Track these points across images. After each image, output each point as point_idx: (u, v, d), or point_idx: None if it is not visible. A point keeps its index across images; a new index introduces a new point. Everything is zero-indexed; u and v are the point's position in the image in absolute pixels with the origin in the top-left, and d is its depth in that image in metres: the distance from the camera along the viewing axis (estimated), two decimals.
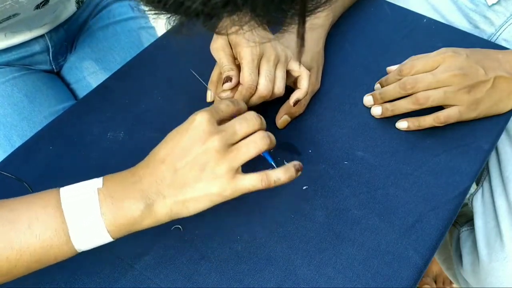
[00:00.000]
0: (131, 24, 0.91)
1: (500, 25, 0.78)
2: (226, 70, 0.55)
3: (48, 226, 0.40)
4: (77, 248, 0.41)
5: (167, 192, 0.42)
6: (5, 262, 0.40)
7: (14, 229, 0.40)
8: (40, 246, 0.40)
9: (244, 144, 0.43)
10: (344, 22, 0.75)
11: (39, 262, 0.41)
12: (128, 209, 0.41)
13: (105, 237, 0.42)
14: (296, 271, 0.50)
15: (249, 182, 0.42)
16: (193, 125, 0.43)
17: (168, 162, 0.43)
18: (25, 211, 0.41)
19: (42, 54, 0.84)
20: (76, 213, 0.41)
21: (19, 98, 0.79)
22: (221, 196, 0.43)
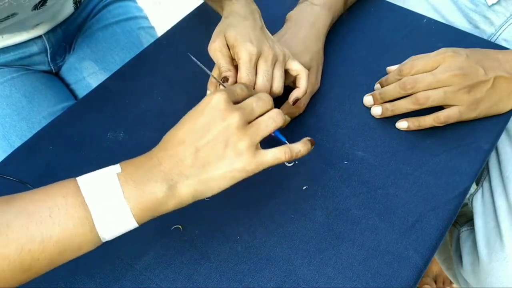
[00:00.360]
0: (130, 24, 0.91)
1: (500, 25, 0.78)
2: (223, 71, 0.55)
3: (71, 215, 0.39)
4: (101, 236, 0.40)
5: (190, 172, 0.42)
6: (27, 256, 0.38)
7: (35, 220, 0.38)
8: (63, 236, 0.39)
9: (262, 120, 0.44)
10: (344, 22, 0.75)
11: (63, 254, 0.40)
12: (151, 191, 0.41)
13: (130, 222, 0.41)
14: (296, 271, 0.50)
15: (273, 155, 0.44)
16: (210, 104, 0.43)
17: (188, 143, 0.42)
18: (44, 202, 0.39)
19: (40, 55, 0.84)
20: (99, 199, 0.40)
21: (17, 99, 0.79)
22: (245, 172, 0.43)
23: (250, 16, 0.57)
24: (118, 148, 0.62)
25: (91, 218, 0.39)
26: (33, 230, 0.38)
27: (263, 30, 0.57)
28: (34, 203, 0.39)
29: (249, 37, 0.54)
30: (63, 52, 0.88)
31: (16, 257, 0.37)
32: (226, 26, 0.56)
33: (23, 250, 0.38)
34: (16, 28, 0.74)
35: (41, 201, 0.39)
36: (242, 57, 0.53)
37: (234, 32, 0.54)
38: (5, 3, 0.56)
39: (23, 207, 0.39)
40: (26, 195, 0.40)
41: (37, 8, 0.64)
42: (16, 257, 0.37)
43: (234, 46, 0.54)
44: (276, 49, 0.56)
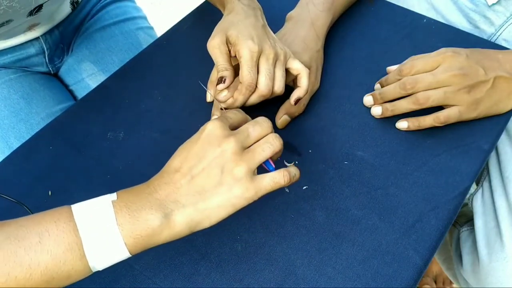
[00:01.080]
0: (128, 25, 0.91)
1: (500, 25, 0.78)
2: (220, 70, 0.55)
3: (61, 240, 0.37)
4: (92, 265, 0.38)
5: (186, 200, 0.41)
6: (13, 283, 0.36)
7: (24, 245, 0.37)
8: (52, 263, 0.37)
9: (258, 146, 0.43)
10: (344, 22, 0.75)
11: (50, 283, 0.38)
12: (145, 220, 0.39)
13: (122, 251, 0.39)
14: (296, 271, 0.50)
15: (271, 179, 0.42)
16: (205, 132, 0.43)
17: (184, 170, 0.41)
18: (35, 227, 0.38)
19: (38, 57, 0.84)
20: (91, 225, 0.38)
21: (15, 100, 0.79)
22: (244, 199, 0.41)
23: (252, 14, 0.57)
24: (118, 148, 0.62)
25: (82, 244, 0.38)
26: (22, 255, 0.37)
27: (265, 28, 0.57)
28: (25, 228, 0.38)
29: (250, 35, 0.54)
30: (61, 54, 0.88)
31: (2, 284, 0.36)
32: (227, 24, 0.56)
33: (10, 277, 0.36)
34: (10, 34, 0.74)
35: (32, 227, 0.38)
36: (244, 55, 0.53)
37: (235, 30, 0.54)
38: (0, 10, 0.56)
39: (14, 232, 0.38)
40: (19, 221, 0.39)
41: (32, 14, 0.64)
42: (1, 283, 0.36)
43: (236, 44, 0.54)
44: (277, 48, 0.56)
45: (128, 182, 0.58)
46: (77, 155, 0.61)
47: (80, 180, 0.59)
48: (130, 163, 0.60)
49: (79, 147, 0.62)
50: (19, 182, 0.59)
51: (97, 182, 0.59)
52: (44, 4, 0.63)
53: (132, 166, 0.60)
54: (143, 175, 0.58)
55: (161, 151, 0.61)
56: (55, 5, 0.66)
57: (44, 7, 0.64)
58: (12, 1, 0.55)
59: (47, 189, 0.58)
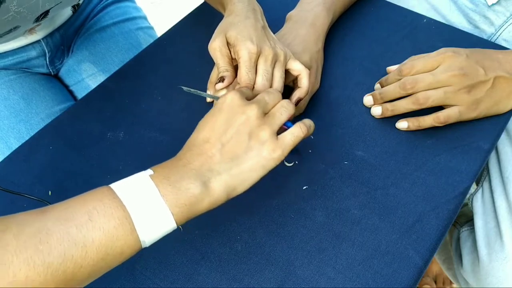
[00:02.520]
0: (128, 25, 0.91)
1: (500, 25, 0.78)
2: (221, 71, 0.55)
3: (110, 216, 0.38)
4: (142, 238, 0.39)
5: (220, 167, 0.42)
6: (70, 263, 0.36)
7: (75, 224, 0.37)
8: (105, 239, 0.37)
9: (276, 110, 0.47)
10: (344, 22, 0.75)
11: (105, 260, 0.38)
12: (186, 188, 0.40)
13: (170, 222, 0.40)
14: (296, 271, 0.50)
15: (291, 135, 0.45)
16: (226, 103, 0.45)
17: (213, 140, 0.43)
18: (81, 207, 0.38)
19: (39, 59, 0.84)
20: (136, 199, 0.39)
21: (15, 101, 0.79)
22: (273, 160, 0.44)
23: (252, 15, 0.57)
24: (118, 148, 0.62)
25: (131, 218, 0.38)
26: (74, 234, 0.36)
27: (264, 29, 0.57)
28: (70, 209, 0.38)
29: (250, 36, 0.54)
30: (61, 55, 0.88)
31: (59, 265, 0.36)
32: (227, 25, 0.56)
33: (66, 257, 0.36)
34: (12, 37, 0.74)
35: (78, 207, 0.38)
36: (242, 55, 0.53)
37: (235, 32, 0.54)
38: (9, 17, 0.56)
39: (60, 214, 0.37)
40: (59, 205, 0.39)
41: (38, 20, 0.64)
42: (59, 265, 0.36)
43: (235, 45, 0.54)
44: (277, 49, 0.56)
45: None
46: (77, 155, 0.61)
47: (80, 180, 0.59)
48: (130, 163, 0.60)
49: (79, 147, 0.62)
50: (19, 182, 0.59)
51: (97, 182, 0.58)
52: (50, 10, 0.63)
53: (132, 166, 0.60)
54: None
55: (161, 151, 0.61)
56: (60, 10, 0.66)
57: (50, 12, 0.64)
58: (20, 7, 0.55)
59: (47, 189, 0.58)
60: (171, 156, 0.44)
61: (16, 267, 0.34)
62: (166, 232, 0.40)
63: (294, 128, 0.46)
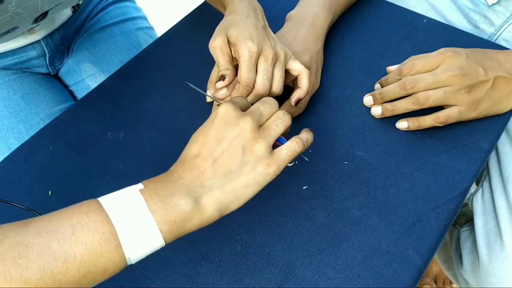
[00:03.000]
0: (128, 25, 0.91)
1: (500, 25, 0.78)
2: (221, 70, 0.55)
3: (95, 231, 0.36)
4: (127, 255, 0.37)
5: (212, 183, 0.40)
6: (49, 279, 0.34)
7: (56, 238, 0.35)
8: (88, 254, 0.35)
9: (271, 122, 0.44)
10: (344, 22, 0.75)
11: (87, 278, 0.36)
12: (177, 205, 0.39)
13: (157, 239, 0.38)
14: (296, 271, 0.50)
15: (287, 150, 0.43)
16: (219, 115, 0.43)
17: (205, 154, 0.41)
18: (65, 220, 0.36)
19: (39, 59, 0.84)
20: (123, 214, 0.37)
21: (15, 101, 0.79)
22: (268, 175, 0.42)
23: (252, 14, 0.57)
24: (118, 148, 0.62)
25: (116, 234, 0.36)
26: (55, 249, 0.34)
27: (265, 28, 0.57)
28: (54, 222, 0.36)
29: (250, 35, 0.54)
30: (61, 55, 0.88)
31: (37, 281, 0.34)
32: (228, 24, 0.56)
33: (45, 272, 0.34)
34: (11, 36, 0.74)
35: (62, 220, 0.36)
36: (243, 54, 0.53)
37: (235, 31, 0.54)
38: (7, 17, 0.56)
39: (42, 226, 0.36)
40: (43, 217, 0.37)
41: (37, 21, 0.64)
42: (37, 280, 0.34)
43: (235, 44, 0.54)
44: (277, 49, 0.56)
45: (128, 182, 0.58)
46: (77, 155, 0.61)
47: (80, 180, 0.59)
48: (130, 163, 0.60)
49: (79, 147, 0.62)
50: (19, 182, 0.59)
51: (97, 182, 0.59)
52: (49, 11, 0.63)
53: (132, 166, 0.60)
54: (143, 175, 0.58)
55: (161, 151, 0.61)
56: (59, 11, 0.65)
57: (49, 13, 0.64)
58: (19, 7, 0.55)
59: (47, 189, 0.58)
60: (171, 156, 0.44)
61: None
62: (153, 249, 0.39)
63: (290, 142, 0.44)
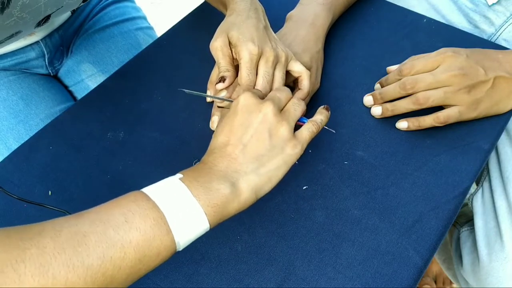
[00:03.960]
0: (127, 25, 0.91)
1: (500, 25, 0.78)
2: (222, 71, 0.55)
3: (146, 216, 0.37)
4: (177, 239, 0.38)
5: (246, 168, 0.43)
6: (109, 264, 0.35)
7: (111, 226, 0.36)
8: (142, 239, 0.36)
9: (290, 106, 0.47)
10: (344, 22, 0.75)
11: (142, 261, 0.37)
12: (217, 189, 0.40)
13: (203, 222, 0.39)
14: (296, 271, 0.50)
15: (307, 131, 0.47)
16: (240, 104, 0.45)
17: (233, 142, 0.44)
18: (115, 210, 0.37)
19: (38, 60, 0.84)
20: (170, 201, 0.38)
21: (14, 101, 0.79)
22: (295, 155, 0.45)
23: (253, 14, 0.57)
24: (118, 148, 0.62)
25: (166, 219, 0.38)
26: (112, 236, 0.36)
27: (266, 29, 0.57)
28: (104, 212, 0.37)
29: (251, 36, 0.54)
30: (60, 56, 0.88)
31: (99, 267, 0.35)
32: (229, 24, 0.56)
33: (105, 258, 0.35)
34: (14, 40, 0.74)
35: (112, 210, 0.38)
36: (243, 56, 0.53)
37: (236, 32, 0.54)
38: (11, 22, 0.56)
39: (95, 216, 0.37)
40: (93, 209, 0.38)
41: (40, 25, 0.64)
42: (98, 267, 0.35)
43: (236, 45, 0.54)
44: (278, 50, 0.56)
45: (128, 182, 0.59)
46: (77, 155, 0.61)
47: (80, 180, 0.59)
48: (130, 163, 0.60)
49: (79, 147, 0.62)
50: (19, 182, 0.59)
51: (97, 182, 0.59)
52: (52, 15, 0.63)
53: (132, 166, 0.60)
54: (143, 175, 0.58)
55: (161, 151, 0.61)
56: (61, 15, 0.65)
57: (51, 17, 0.64)
58: (23, 12, 0.55)
59: (47, 189, 0.58)
60: (171, 156, 0.44)
61: (55, 269, 0.33)
62: (199, 233, 0.40)
63: (308, 124, 0.47)
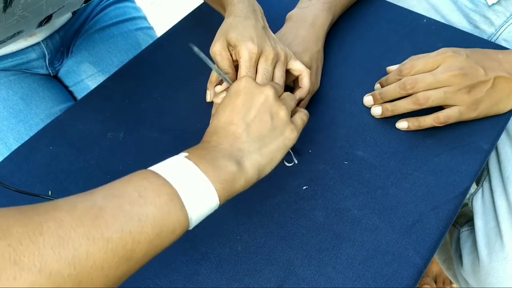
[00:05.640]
0: (127, 25, 0.91)
1: (500, 25, 0.78)
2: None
3: (160, 191, 0.36)
4: (190, 216, 0.38)
5: (250, 146, 0.43)
6: (128, 237, 0.34)
7: (126, 201, 0.35)
8: (159, 214, 0.36)
9: (286, 96, 0.49)
10: (344, 22, 0.75)
11: (160, 237, 0.36)
12: (224, 166, 0.40)
13: (214, 198, 0.39)
14: (296, 271, 0.50)
15: (300, 119, 0.49)
16: (242, 86, 0.46)
17: (237, 121, 0.44)
18: (128, 186, 0.37)
19: (38, 61, 0.84)
20: (180, 177, 0.38)
21: (14, 101, 0.79)
22: (291, 139, 0.46)
23: (252, 15, 0.57)
24: (118, 148, 0.62)
25: (178, 194, 0.37)
26: (128, 210, 0.35)
27: (265, 29, 0.57)
28: (118, 187, 0.37)
29: (250, 36, 0.54)
30: (61, 57, 0.88)
31: (118, 240, 0.33)
32: (227, 27, 0.56)
33: (124, 231, 0.34)
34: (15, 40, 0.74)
35: (125, 186, 0.37)
36: (243, 55, 0.53)
37: (235, 33, 0.54)
38: (13, 21, 0.56)
39: (108, 192, 0.36)
40: (103, 187, 0.37)
41: (41, 25, 0.64)
42: (118, 239, 0.33)
43: (236, 46, 0.54)
44: (277, 49, 0.56)
45: None
46: (77, 155, 0.61)
47: (80, 180, 0.59)
48: (130, 163, 0.60)
49: (79, 147, 0.62)
50: (19, 182, 0.59)
51: (97, 182, 0.58)
52: (53, 15, 0.63)
53: (132, 166, 0.60)
54: None
55: (161, 151, 0.61)
56: (62, 15, 0.65)
57: (53, 17, 0.64)
58: (25, 10, 0.55)
59: (47, 189, 0.58)
60: (171, 156, 0.44)
61: (76, 241, 0.31)
62: (210, 209, 0.40)
63: (300, 112, 0.49)
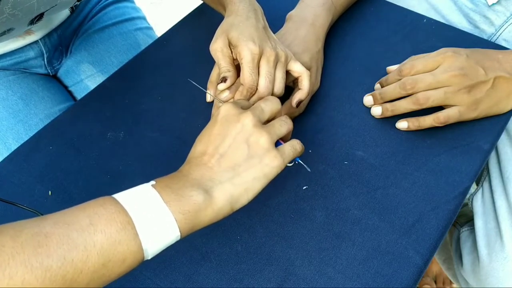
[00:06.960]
0: (127, 25, 0.91)
1: (500, 25, 0.78)
2: (223, 72, 0.55)
3: (112, 220, 0.36)
4: (144, 246, 0.37)
5: (221, 176, 0.41)
6: (70, 267, 0.34)
7: (75, 228, 0.35)
8: (107, 243, 0.35)
9: (275, 122, 0.46)
10: (344, 22, 0.75)
11: (107, 267, 0.36)
12: (190, 196, 0.39)
13: (173, 229, 0.38)
14: (296, 271, 0.50)
15: (291, 146, 0.45)
16: (220, 114, 0.44)
17: (210, 151, 0.43)
18: (81, 212, 0.36)
19: (37, 59, 0.84)
20: (138, 205, 0.37)
21: (14, 101, 0.79)
22: (274, 167, 0.43)
23: (252, 15, 0.57)
24: (118, 148, 0.62)
25: (133, 223, 0.36)
26: (75, 238, 0.34)
27: (265, 29, 0.57)
28: (70, 214, 0.36)
29: (251, 36, 0.54)
30: (59, 56, 0.88)
31: (59, 269, 0.34)
32: (228, 26, 0.56)
33: (66, 260, 0.34)
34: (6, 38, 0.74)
35: (78, 212, 0.36)
36: (245, 56, 0.53)
37: (236, 32, 0.54)
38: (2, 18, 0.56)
39: (59, 218, 0.36)
40: (58, 212, 0.37)
41: (33, 23, 0.64)
42: (58, 269, 0.34)
43: (237, 46, 0.54)
44: (278, 50, 0.56)
45: (128, 182, 0.58)
46: (77, 155, 0.61)
47: (80, 180, 0.59)
48: (130, 163, 0.60)
49: (79, 147, 0.62)
50: (19, 182, 0.59)
51: (97, 182, 0.59)
52: (45, 13, 0.63)
53: (132, 166, 0.60)
54: (143, 175, 0.58)
55: (161, 151, 0.61)
56: (55, 13, 0.66)
57: (45, 15, 0.64)
58: (14, 9, 0.55)
59: (47, 189, 0.58)
60: (171, 156, 0.44)
61: (13, 269, 0.32)
62: (170, 241, 0.39)
63: (292, 141, 0.46)
